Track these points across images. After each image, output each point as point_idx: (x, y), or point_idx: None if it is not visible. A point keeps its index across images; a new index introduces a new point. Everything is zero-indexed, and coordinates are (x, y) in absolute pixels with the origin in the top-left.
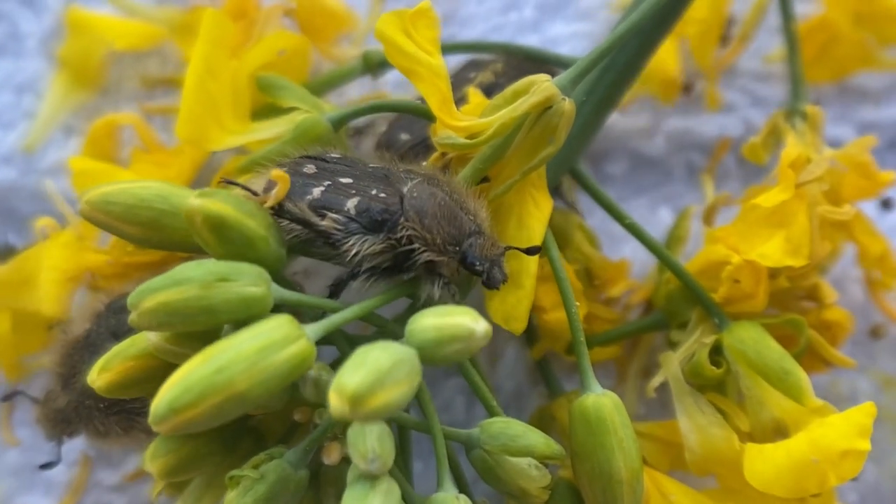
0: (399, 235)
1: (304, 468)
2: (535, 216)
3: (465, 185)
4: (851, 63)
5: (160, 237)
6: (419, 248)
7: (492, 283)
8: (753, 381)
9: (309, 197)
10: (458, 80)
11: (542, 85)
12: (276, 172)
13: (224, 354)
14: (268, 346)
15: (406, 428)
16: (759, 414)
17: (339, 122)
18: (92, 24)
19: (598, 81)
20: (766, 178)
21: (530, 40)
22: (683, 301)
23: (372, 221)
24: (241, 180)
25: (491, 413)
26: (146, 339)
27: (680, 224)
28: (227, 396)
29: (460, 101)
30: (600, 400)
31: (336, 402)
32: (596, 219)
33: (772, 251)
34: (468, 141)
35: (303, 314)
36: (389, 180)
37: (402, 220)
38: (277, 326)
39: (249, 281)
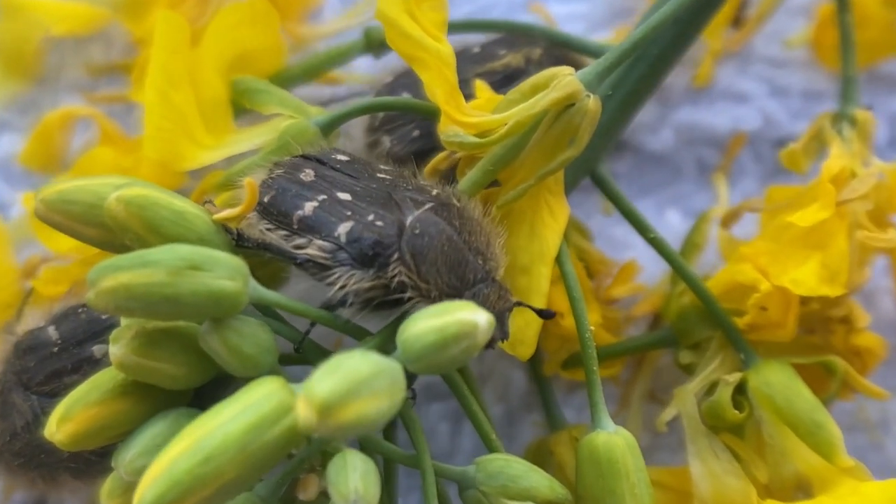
0: (390, 276)
1: (277, 503)
2: (549, 226)
3: (481, 212)
4: (881, 49)
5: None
6: (412, 298)
7: (489, 343)
8: (778, 429)
9: (299, 213)
10: (485, 55)
11: (564, 79)
12: (248, 181)
13: (210, 440)
14: (258, 423)
15: (392, 462)
16: (781, 466)
17: (328, 126)
18: (27, 6)
19: (626, 75)
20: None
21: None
22: (699, 320)
23: (362, 254)
24: (225, 195)
25: (488, 447)
26: (110, 359)
27: (698, 230)
28: (217, 488)
29: (484, 75)
30: (612, 439)
31: (304, 411)
32: (595, 222)
33: (805, 277)
34: (478, 140)
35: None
36: (391, 203)
37: (394, 258)
38: (268, 396)
39: (224, 273)
